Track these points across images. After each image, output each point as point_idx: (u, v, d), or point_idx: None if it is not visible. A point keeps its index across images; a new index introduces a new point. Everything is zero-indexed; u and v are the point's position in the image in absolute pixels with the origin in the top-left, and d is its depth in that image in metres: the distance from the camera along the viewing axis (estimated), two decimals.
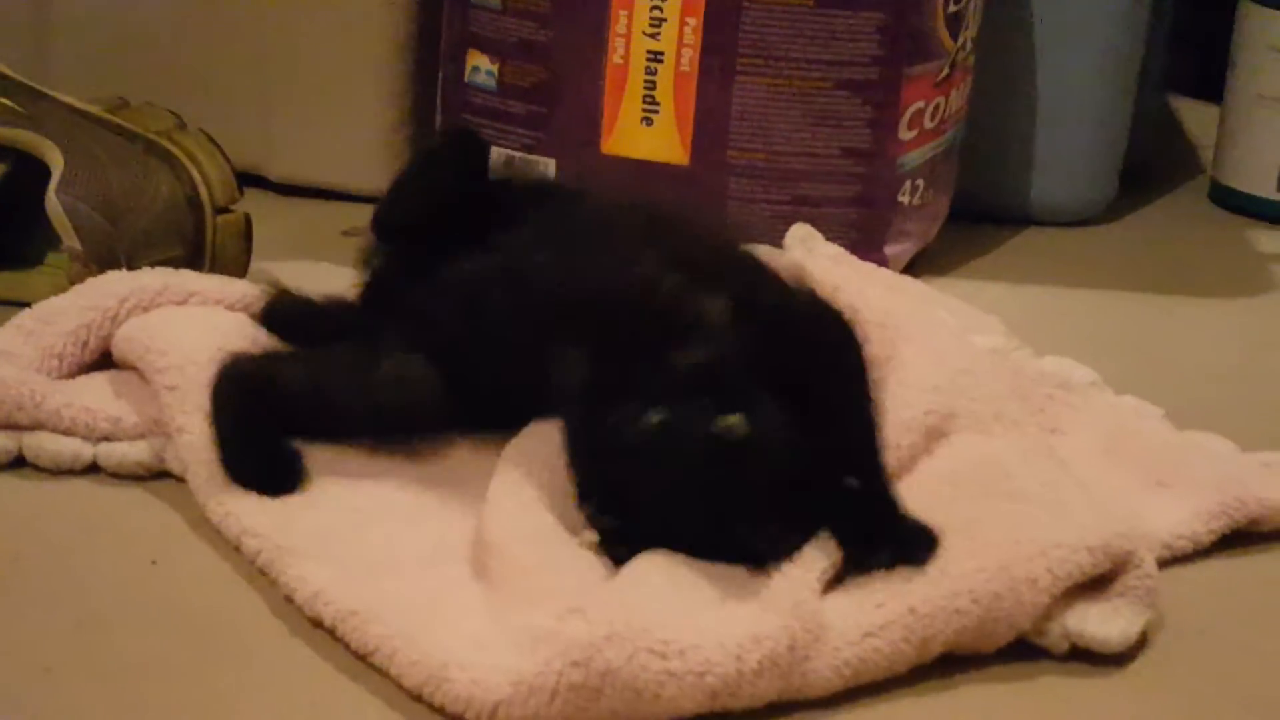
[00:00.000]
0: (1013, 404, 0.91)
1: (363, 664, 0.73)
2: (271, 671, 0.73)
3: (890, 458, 0.82)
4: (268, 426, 0.84)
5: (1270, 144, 1.49)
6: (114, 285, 0.97)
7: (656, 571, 0.74)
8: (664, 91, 1.18)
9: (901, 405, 0.85)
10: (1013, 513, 0.79)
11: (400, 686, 0.71)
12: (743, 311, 0.79)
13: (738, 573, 0.74)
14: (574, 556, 0.76)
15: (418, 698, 0.70)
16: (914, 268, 1.25)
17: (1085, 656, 0.77)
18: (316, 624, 0.75)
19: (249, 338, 0.92)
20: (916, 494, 0.80)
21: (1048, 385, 0.97)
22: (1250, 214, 1.50)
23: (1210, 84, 1.60)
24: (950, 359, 0.92)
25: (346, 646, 0.73)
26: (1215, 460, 0.93)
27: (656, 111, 1.19)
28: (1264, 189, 1.49)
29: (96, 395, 0.91)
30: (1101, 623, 0.76)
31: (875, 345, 0.85)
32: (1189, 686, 0.76)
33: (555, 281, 0.83)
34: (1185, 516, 0.87)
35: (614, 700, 0.68)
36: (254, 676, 0.72)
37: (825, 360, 0.78)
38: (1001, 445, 0.86)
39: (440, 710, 0.69)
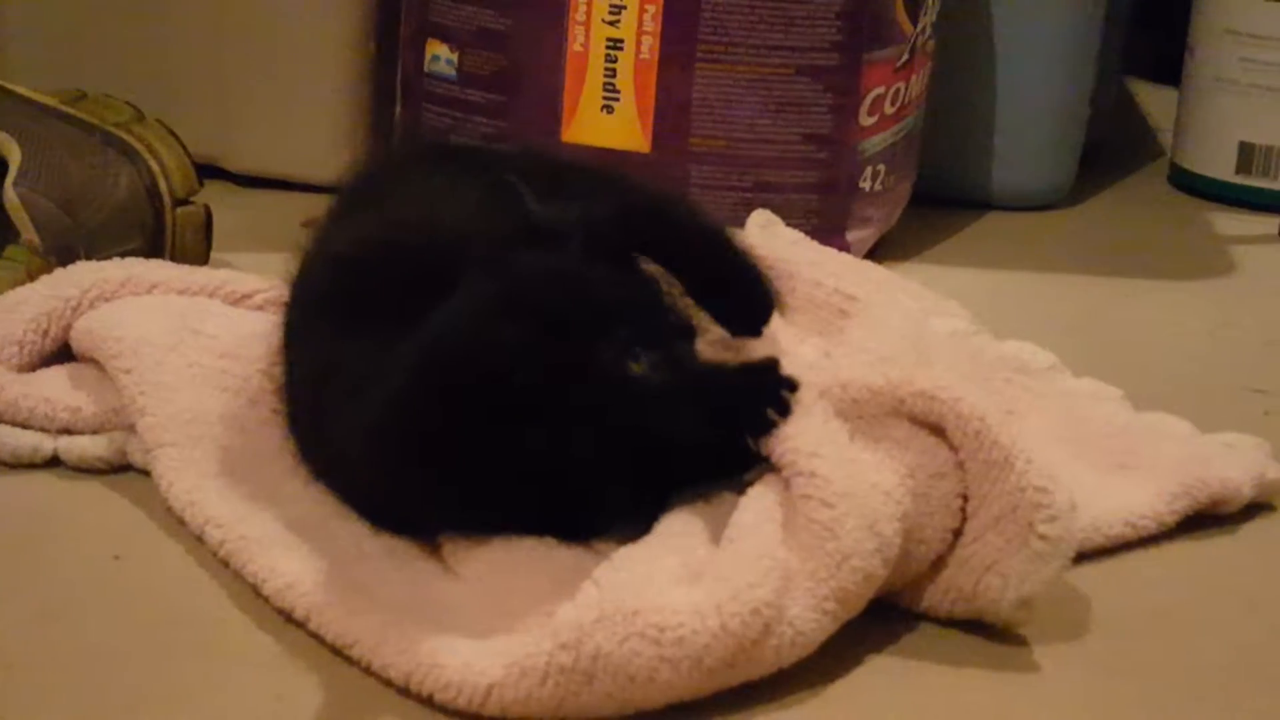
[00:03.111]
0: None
1: (330, 655, 0.72)
2: (236, 663, 0.72)
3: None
4: None
5: (1229, 127, 1.50)
6: (78, 275, 0.97)
7: (625, 551, 0.73)
8: (624, 79, 1.18)
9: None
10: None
11: (383, 679, 0.70)
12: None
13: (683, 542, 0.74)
14: (546, 548, 0.76)
15: (404, 689, 0.69)
16: (876, 253, 1.25)
17: (1047, 639, 0.77)
18: (286, 616, 0.74)
19: (202, 320, 0.93)
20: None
21: (1006, 369, 0.98)
22: (1209, 197, 1.51)
23: (1169, 67, 1.60)
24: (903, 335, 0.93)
25: (321, 639, 0.73)
26: (1176, 441, 0.93)
27: (617, 99, 1.19)
28: (1223, 172, 1.50)
29: (55, 386, 0.91)
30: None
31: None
32: (1152, 668, 0.76)
33: None
34: (1147, 497, 0.87)
35: (608, 684, 0.67)
36: (218, 669, 0.72)
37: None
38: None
39: (428, 700, 0.69)
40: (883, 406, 0.77)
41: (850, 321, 0.95)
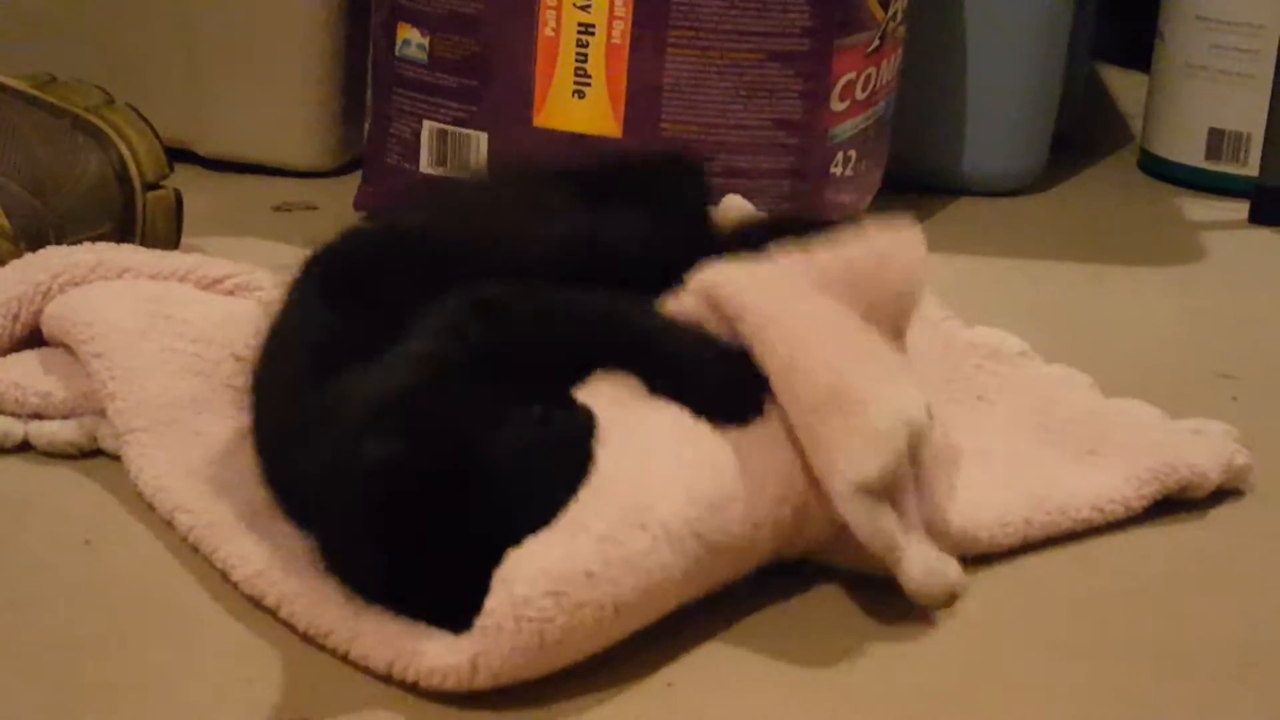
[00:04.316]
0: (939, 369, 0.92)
1: (303, 639, 0.72)
2: (207, 649, 0.72)
3: None
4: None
5: (1198, 113, 1.50)
6: (48, 260, 0.96)
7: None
8: (595, 64, 1.18)
9: None
10: None
11: (361, 667, 0.70)
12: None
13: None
14: None
15: (384, 676, 0.69)
16: None
17: (1013, 623, 0.77)
18: (256, 602, 0.74)
19: (174, 305, 0.92)
20: None
21: (977, 355, 0.98)
22: (1179, 183, 1.51)
23: (1138, 53, 1.61)
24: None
25: (292, 628, 0.73)
26: (1144, 427, 0.93)
27: (588, 84, 1.19)
28: (1192, 158, 1.51)
29: (25, 371, 0.91)
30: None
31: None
32: (1119, 652, 0.76)
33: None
34: (1116, 482, 0.87)
35: (573, 592, 0.67)
36: (189, 655, 0.72)
37: None
38: None
39: (413, 686, 0.69)
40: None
41: None
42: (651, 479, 0.72)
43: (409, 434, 0.68)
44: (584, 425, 0.73)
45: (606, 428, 0.73)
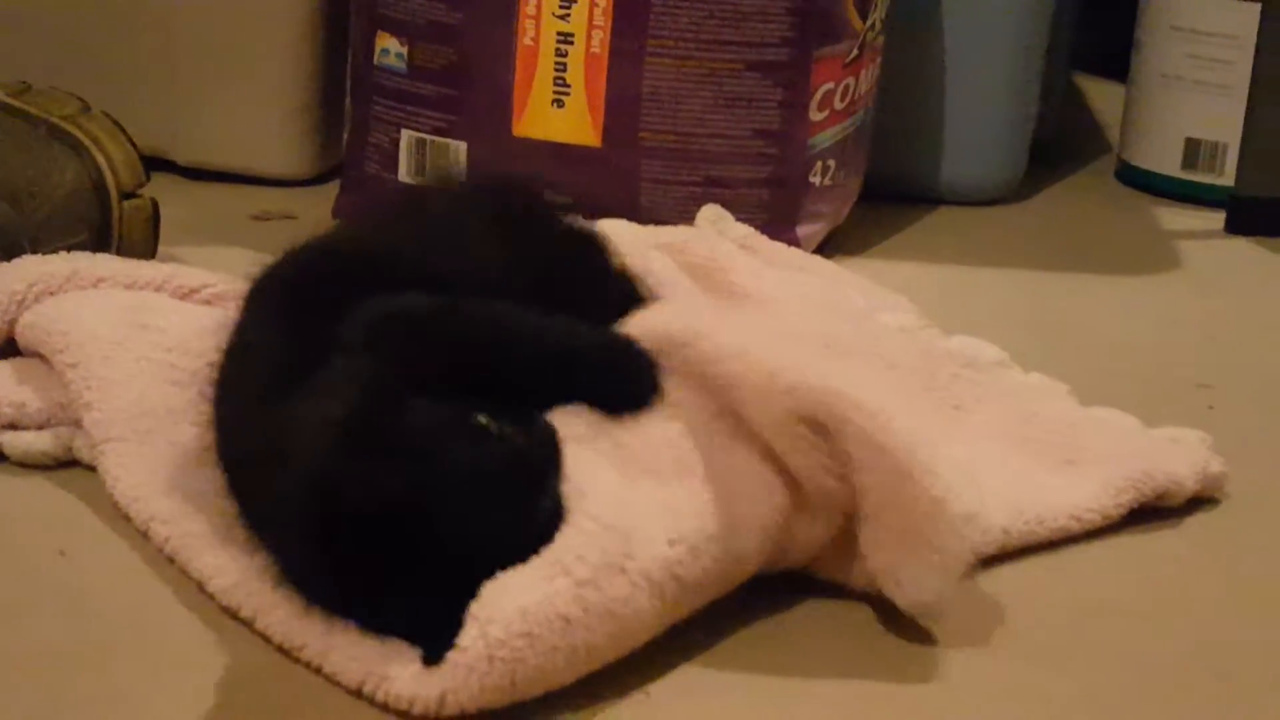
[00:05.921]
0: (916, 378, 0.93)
1: (279, 653, 0.72)
2: (182, 661, 0.72)
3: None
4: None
5: (1175, 122, 1.51)
6: (23, 269, 0.96)
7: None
8: (575, 73, 1.18)
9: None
10: None
11: (334, 683, 0.70)
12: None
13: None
14: None
15: (355, 693, 0.69)
16: (826, 248, 1.26)
17: (990, 632, 0.77)
18: (232, 615, 0.74)
19: (150, 314, 0.92)
20: None
21: (954, 364, 0.98)
22: (1156, 192, 1.52)
23: (1116, 63, 1.61)
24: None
25: (268, 640, 0.72)
26: (1122, 435, 0.94)
27: (567, 93, 1.19)
28: (1169, 167, 1.51)
29: (0, 381, 0.90)
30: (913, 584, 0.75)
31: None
32: (1096, 661, 0.77)
33: None
34: (1094, 490, 0.88)
35: (546, 636, 0.67)
36: (164, 666, 0.72)
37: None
38: None
39: (383, 707, 0.68)
40: (765, 397, 0.76)
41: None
42: (635, 521, 0.71)
43: (352, 467, 0.67)
44: (541, 439, 0.72)
45: (592, 465, 0.73)
